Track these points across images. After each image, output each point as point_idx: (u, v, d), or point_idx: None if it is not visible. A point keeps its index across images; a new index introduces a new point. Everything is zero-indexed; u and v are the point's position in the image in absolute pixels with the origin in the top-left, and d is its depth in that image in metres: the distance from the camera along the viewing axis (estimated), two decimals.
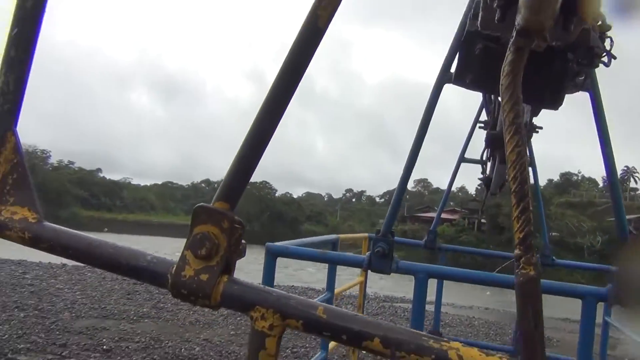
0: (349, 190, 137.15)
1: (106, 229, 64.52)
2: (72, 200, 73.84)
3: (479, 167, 6.73)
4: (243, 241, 0.99)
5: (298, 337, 11.95)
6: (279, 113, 0.98)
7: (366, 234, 6.14)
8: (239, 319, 13.28)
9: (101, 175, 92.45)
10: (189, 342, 10.53)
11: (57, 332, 10.17)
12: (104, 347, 9.56)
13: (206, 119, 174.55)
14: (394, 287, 25.35)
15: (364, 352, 1.09)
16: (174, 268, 0.96)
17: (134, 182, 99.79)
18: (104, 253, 1.01)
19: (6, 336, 9.46)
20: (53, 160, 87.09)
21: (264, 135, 0.98)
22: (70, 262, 21.31)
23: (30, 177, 1.06)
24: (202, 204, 0.98)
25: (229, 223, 0.95)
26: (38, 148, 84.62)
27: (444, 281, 6.32)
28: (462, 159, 6.76)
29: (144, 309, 13.31)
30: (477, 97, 5.87)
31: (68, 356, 8.86)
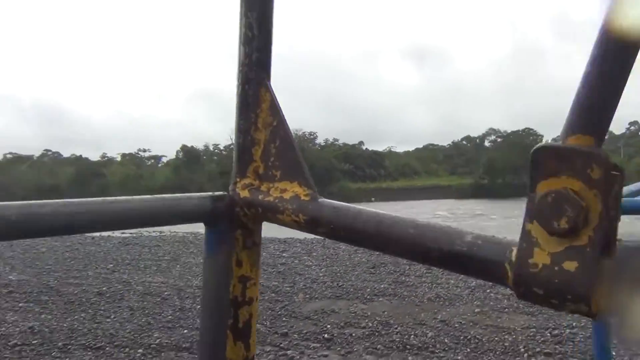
0: (634, 123, 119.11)
1: (373, 199, 67.33)
2: (339, 175, 78.85)
3: None
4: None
5: (559, 315, 9.52)
6: None
7: None
8: (488, 290, 11.34)
9: (364, 147, 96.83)
10: (422, 326, 9.05)
11: (284, 319, 9.66)
12: (326, 335, 8.68)
13: (458, 78, 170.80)
14: None
15: None
16: (514, 252, 0.59)
17: (396, 149, 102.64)
18: (401, 236, 0.68)
19: None
20: (319, 140, 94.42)
21: None
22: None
23: (295, 142, 0.81)
24: (545, 143, 0.57)
25: (602, 170, 0.54)
26: (306, 131, 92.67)
27: None
28: None
29: (382, 285, 12.26)
30: None
31: (286, 347, 8.17)
